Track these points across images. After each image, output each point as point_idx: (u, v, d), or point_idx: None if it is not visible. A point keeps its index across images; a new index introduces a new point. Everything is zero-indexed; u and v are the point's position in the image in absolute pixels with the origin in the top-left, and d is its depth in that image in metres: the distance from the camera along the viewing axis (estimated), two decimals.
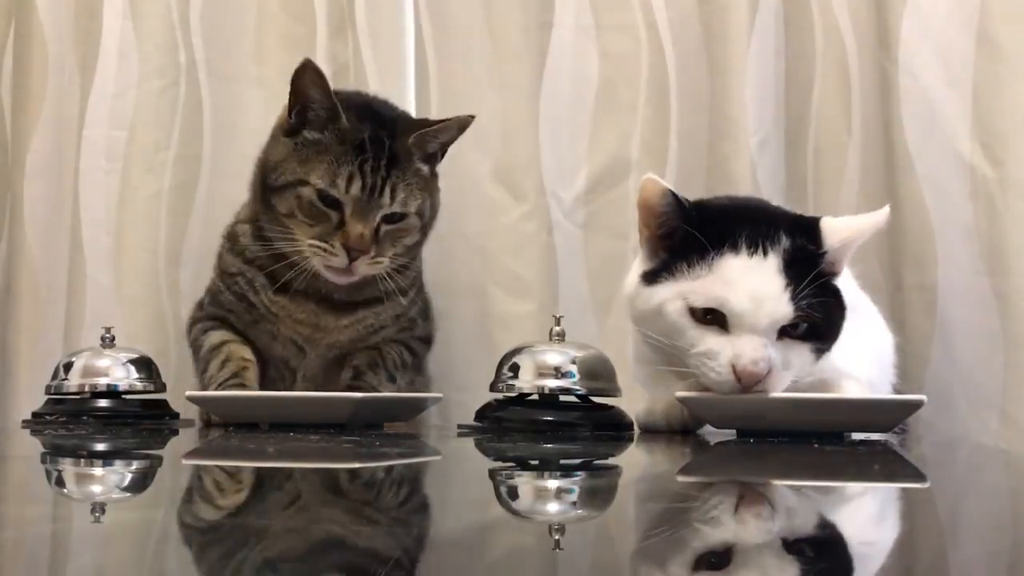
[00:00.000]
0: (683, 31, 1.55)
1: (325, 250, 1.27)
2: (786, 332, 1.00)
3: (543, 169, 1.56)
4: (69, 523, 0.65)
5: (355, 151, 1.28)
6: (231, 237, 1.40)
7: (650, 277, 1.05)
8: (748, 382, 0.99)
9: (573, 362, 1.13)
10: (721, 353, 0.99)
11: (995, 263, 1.40)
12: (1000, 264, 1.40)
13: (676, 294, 1.02)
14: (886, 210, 1.08)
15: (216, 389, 1.30)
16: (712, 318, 1.00)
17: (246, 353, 1.35)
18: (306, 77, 1.31)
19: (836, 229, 1.03)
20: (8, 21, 1.69)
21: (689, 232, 1.01)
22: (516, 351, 1.15)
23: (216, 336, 1.37)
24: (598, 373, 1.14)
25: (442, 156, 1.38)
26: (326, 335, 1.36)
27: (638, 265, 1.08)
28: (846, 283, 1.12)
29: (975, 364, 1.41)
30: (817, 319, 1.00)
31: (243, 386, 1.30)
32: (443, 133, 1.35)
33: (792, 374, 1.02)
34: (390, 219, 1.30)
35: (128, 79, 1.64)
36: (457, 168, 1.57)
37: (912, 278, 1.44)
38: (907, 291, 1.44)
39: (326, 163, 1.28)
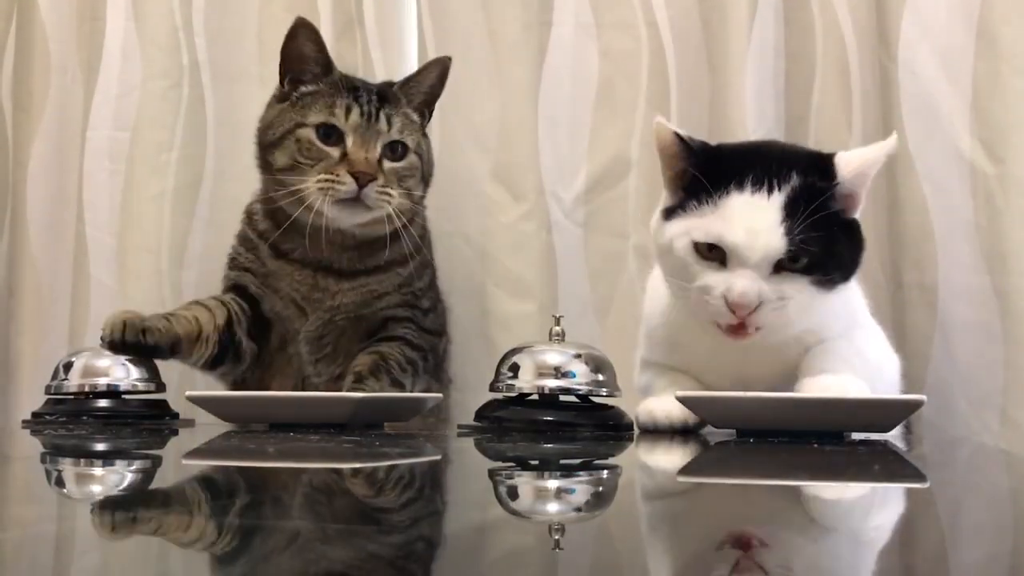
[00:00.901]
0: (683, 29, 1.54)
1: (333, 181, 1.30)
2: (784, 266, 1.03)
3: (543, 168, 1.56)
4: (69, 523, 0.65)
5: (349, 90, 1.36)
6: (248, 213, 1.45)
7: (667, 213, 1.10)
8: (740, 313, 1.03)
9: (573, 362, 1.13)
10: (716, 287, 1.03)
11: (995, 261, 1.40)
12: (1000, 262, 1.40)
13: (684, 230, 1.06)
14: (893, 137, 1.10)
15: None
16: (713, 254, 1.04)
17: (201, 314, 1.37)
18: (300, 36, 1.37)
19: (847, 160, 1.07)
20: (9, 21, 1.69)
21: (702, 176, 1.06)
22: (516, 351, 1.15)
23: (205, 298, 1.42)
24: (598, 373, 1.14)
25: (429, 115, 1.43)
26: (326, 296, 1.38)
27: (662, 202, 1.12)
28: (857, 303, 1.15)
29: (975, 363, 1.41)
30: (814, 252, 1.03)
31: (167, 320, 1.33)
32: (423, 78, 1.41)
33: (792, 309, 1.04)
34: (392, 155, 1.35)
35: (131, 80, 1.64)
36: (456, 167, 1.57)
37: (912, 276, 1.43)
38: (907, 289, 1.44)
39: (321, 102, 1.35)
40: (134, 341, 1.29)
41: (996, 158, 1.40)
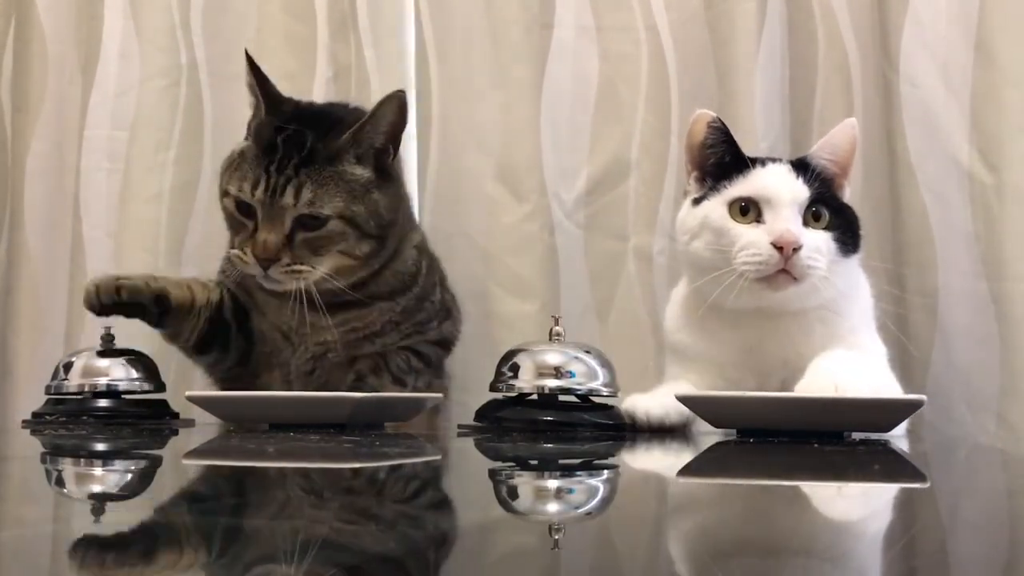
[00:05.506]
0: (686, 34, 1.55)
1: (240, 259, 1.26)
2: (808, 223, 1.15)
3: (544, 169, 1.57)
4: (69, 523, 0.65)
5: (266, 153, 1.26)
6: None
7: (698, 200, 1.20)
8: (786, 251, 1.12)
9: (573, 362, 1.13)
10: (759, 238, 1.13)
11: (992, 267, 1.41)
12: (997, 268, 1.41)
13: (719, 202, 1.17)
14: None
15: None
16: (748, 215, 1.15)
17: (195, 285, 1.34)
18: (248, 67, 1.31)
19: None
20: (8, 21, 1.69)
21: (733, 153, 1.19)
22: (516, 351, 1.15)
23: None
24: (598, 373, 1.14)
25: (395, 150, 1.31)
26: (312, 332, 1.31)
27: (688, 198, 1.23)
28: (867, 308, 1.23)
29: (974, 367, 1.42)
30: (827, 204, 1.16)
31: (152, 278, 1.32)
32: (376, 120, 1.28)
33: (822, 260, 1.13)
34: (307, 225, 1.25)
35: (129, 80, 1.64)
36: (459, 168, 1.57)
37: (914, 282, 1.44)
38: (909, 295, 1.45)
39: (239, 171, 1.27)
40: (110, 301, 1.28)
41: (993, 167, 1.42)
